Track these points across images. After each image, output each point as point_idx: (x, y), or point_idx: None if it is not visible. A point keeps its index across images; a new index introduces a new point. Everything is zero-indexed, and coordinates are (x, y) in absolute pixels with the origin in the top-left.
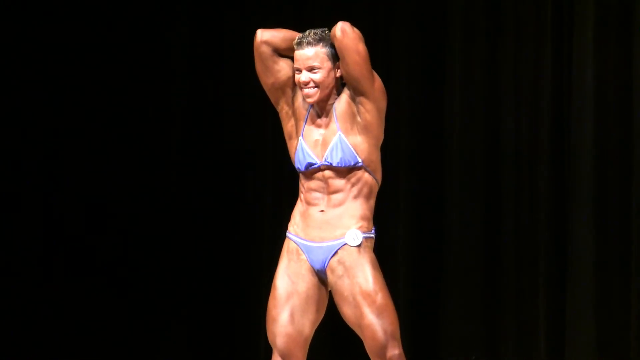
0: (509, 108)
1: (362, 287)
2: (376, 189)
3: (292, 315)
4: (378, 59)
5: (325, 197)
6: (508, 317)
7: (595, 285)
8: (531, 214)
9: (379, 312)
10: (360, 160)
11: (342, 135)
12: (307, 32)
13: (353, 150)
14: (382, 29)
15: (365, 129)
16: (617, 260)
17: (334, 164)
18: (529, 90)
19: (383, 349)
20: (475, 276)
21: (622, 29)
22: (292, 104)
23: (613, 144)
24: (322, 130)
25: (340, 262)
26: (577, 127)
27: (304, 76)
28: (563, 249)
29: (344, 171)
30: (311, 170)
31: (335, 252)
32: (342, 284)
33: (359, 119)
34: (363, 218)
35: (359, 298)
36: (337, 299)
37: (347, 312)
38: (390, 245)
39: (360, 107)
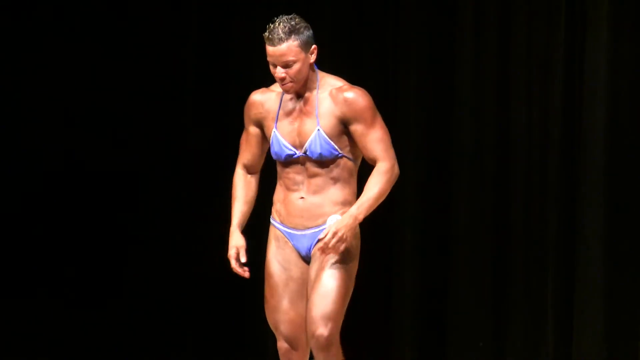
0: (519, 98)
1: (323, 266)
2: (356, 169)
3: (292, 301)
4: (387, 50)
5: (305, 180)
6: (516, 307)
7: (605, 277)
8: (541, 205)
9: (325, 293)
10: (340, 152)
11: (321, 131)
12: (276, 24)
13: (333, 145)
14: (392, 18)
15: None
16: (627, 252)
17: (313, 157)
18: (541, 79)
19: (313, 325)
20: (483, 265)
21: (637, 16)
22: (264, 125)
23: (625, 133)
24: (296, 116)
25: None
26: (589, 118)
27: (279, 72)
28: (572, 240)
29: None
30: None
31: (319, 239)
32: (315, 263)
33: (348, 137)
34: (344, 203)
35: (317, 275)
36: (310, 274)
37: (308, 288)
38: (398, 234)
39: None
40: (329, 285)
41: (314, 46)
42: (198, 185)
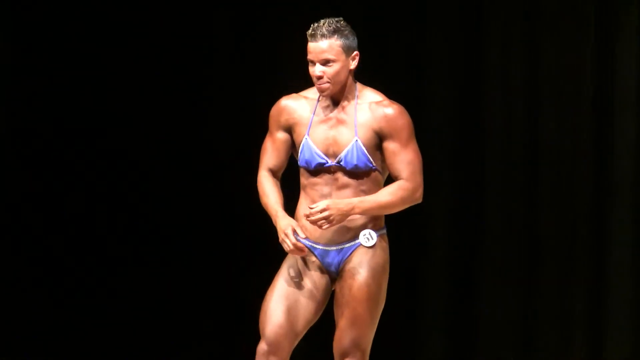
0: (549, 105)
1: (353, 290)
2: (383, 181)
3: (289, 309)
4: (414, 59)
5: (333, 193)
6: (545, 319)
7: (635, 283)
8: (571, 214)
9: (355, 321)
10: (374, 165)
11: (359, 142)
12: (320, 23)
13: (369, 157)
14: (418, 25)
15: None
16: None
17: (347, 168)
18: (570, 87)
19: (344, 354)
20: (513, 277)
21: None
22: (294, 131)
23: None
24: (333, 124)
25: (351, 261)
26: (619, 125)
27: (317, 70)
28: (603, 249)
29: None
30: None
31: (350, 254)
32: (342, 279)
33: (380, 151)
34: (375, 217)
35: (346, 300)
36: (335, 290)
37: (335, 305)
38: (428, 241)
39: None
40: (359, 312)
41: (356, 52)
42: (198, 186)
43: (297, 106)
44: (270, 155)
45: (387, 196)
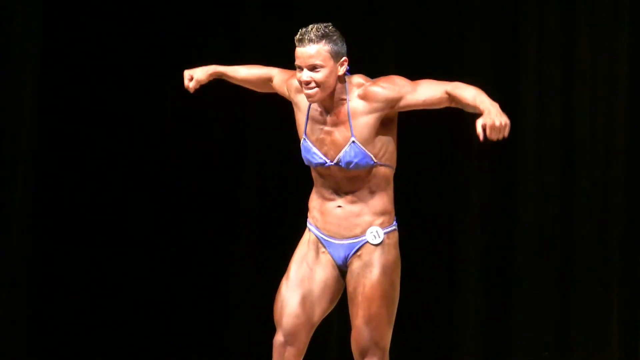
0: (583, 105)
1: (366, 288)
2: (392, 175)
3: (303, 299)
4: (452, 58)
5: (342, 188)
6: (581, 314)
7: None
8: (605, 212)
9: (370, 320)
10: (375, 161)
11: (357, 143)
12: (309, 28)
13: (368, 154)
14: (456, 27)
15: (388, 126)
16: None
17: (348, 168)
18: (604, 90)
19: (363, 352)
20: (548, 273)
21: None
22: (293, 108)
23: None
24: (328, 128)
25: (360, 258)
26: None
27: (305, 75)
28: (637, 252)
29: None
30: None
31: (357, 250)
32: (353, 278)
33: (382, 141)
34: (383, 213)
35: (360, 299)
36: (348, 289)
37: (349, 305)
38: (461, 241)
39: (395, 110)
40: (374, 310)
41: (344, 58)
42: (208, 185)
43: (301, 94)
44: (273, 71)
45: (470, 87)
